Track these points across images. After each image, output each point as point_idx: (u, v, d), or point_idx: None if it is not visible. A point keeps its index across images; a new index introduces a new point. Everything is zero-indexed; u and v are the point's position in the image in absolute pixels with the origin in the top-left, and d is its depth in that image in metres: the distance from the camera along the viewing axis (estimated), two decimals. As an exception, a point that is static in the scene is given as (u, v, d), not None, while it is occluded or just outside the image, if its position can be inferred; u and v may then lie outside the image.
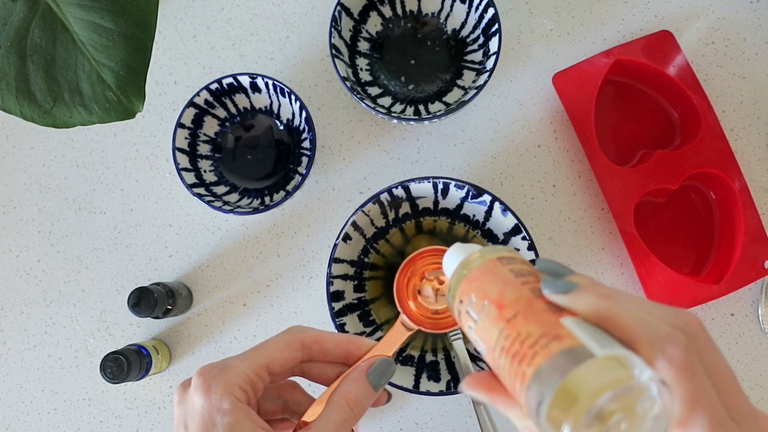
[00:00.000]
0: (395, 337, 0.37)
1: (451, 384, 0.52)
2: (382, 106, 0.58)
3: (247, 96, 0.59)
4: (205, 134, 0.59)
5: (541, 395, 0.21)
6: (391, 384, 0.50)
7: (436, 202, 0.55)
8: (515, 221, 0.52)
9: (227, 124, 0.61)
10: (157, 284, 0.58)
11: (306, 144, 0.59)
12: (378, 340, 0.35)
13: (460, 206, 0.55)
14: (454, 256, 0.32)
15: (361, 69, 0.61)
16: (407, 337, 0.38)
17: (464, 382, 0.28)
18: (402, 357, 0.54)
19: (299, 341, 0.32)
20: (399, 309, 0.44)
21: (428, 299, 0.44)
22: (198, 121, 0.58)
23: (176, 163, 0.56)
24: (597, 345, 0.22)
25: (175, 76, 0.63)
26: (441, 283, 0.44)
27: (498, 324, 0.25)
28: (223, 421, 0.28)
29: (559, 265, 0.27)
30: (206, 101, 0.58)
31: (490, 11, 0.56)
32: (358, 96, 0.55)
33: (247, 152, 0.61)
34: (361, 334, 0.54)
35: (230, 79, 0.57)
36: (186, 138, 0.58)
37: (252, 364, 0.30)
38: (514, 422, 0.26)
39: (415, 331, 0.40)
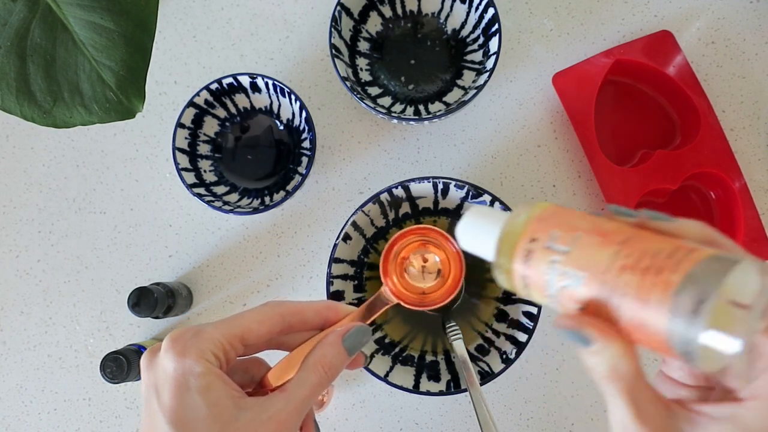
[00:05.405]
0: (374, 307, 0.37)
1: (451, 384, 0.51)
2: (382, 106, 0.58)
3: (247, 96, 0.59)
4: (205, 134, 0.59)
5: (701, 294, 0.22)
6: (391, 384, 0.50)
7: (436, 202, 0.55)
8: (515, 221, 0.52)
9: (227, 124, 0.61)
10: (157, 284, 0.58)
11: (306, 144, 0.59)
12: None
13: (460, 206, 0.55)
14: (483, 212, 0.31)
15: (361, 69, 0.61)
16: (386, 308, 0.39)
17: (561, 319, 0.26)
18: (402, 357, 0.54)
19: (278, 314, 0.32)
20: (382, 281, 0.44)
21: (415, 277, 0.44)
22: (198, 121, 0.58)
23: (176, 163, 0.56)
24: (732, 254, 0.23)
25: (175, 76, 0.63)
26: (425, 261, 0.45)
27: (608, 247, 0.25)
28: (197, 383, 0.28)
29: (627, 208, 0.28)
30: (206, 101, 0.58)
31: (490, 11, 0.56)
32: (358, 96, 0.55)
33: (247, 152, 0.61)
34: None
35: (230, 79, 0.57)
36: (186, 138, 0.58)
37: (226, 333, 0.30)
38: (600, 363, 0.24)
39: (395, 305, 0.41)
